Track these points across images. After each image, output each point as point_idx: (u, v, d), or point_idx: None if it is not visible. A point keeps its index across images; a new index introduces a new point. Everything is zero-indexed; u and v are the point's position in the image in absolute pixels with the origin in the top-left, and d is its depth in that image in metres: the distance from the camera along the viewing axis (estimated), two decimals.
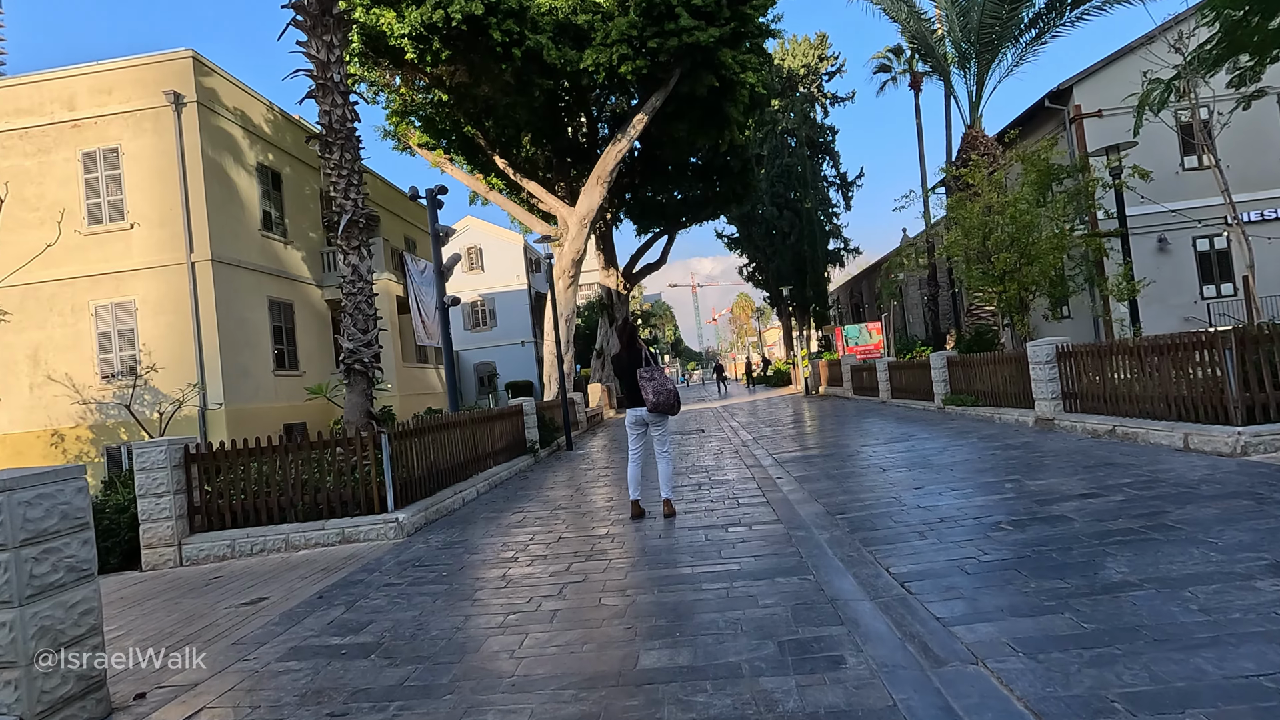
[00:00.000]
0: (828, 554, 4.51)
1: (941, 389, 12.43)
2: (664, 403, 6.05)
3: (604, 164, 17.16)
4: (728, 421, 16.39)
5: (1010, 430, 9.25)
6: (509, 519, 6.89)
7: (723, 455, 10.27)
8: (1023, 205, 10.68)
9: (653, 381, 6.08)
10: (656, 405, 6.05)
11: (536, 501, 7.80)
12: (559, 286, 18.31)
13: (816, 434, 12.01)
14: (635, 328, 6.39)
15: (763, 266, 42.32)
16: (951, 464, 7.27)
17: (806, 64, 41.95)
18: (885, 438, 10.09)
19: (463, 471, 8.60)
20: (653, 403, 6.04)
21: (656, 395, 6.03)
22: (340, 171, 7.95)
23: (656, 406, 6.05)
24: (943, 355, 12.39)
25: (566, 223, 18.07)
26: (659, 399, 6.03)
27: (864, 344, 23.04)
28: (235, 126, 17.43)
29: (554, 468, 10.98)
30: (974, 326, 15.52)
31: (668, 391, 6.07)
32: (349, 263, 7.95)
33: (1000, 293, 11.35)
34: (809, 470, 8.02)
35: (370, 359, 7.94)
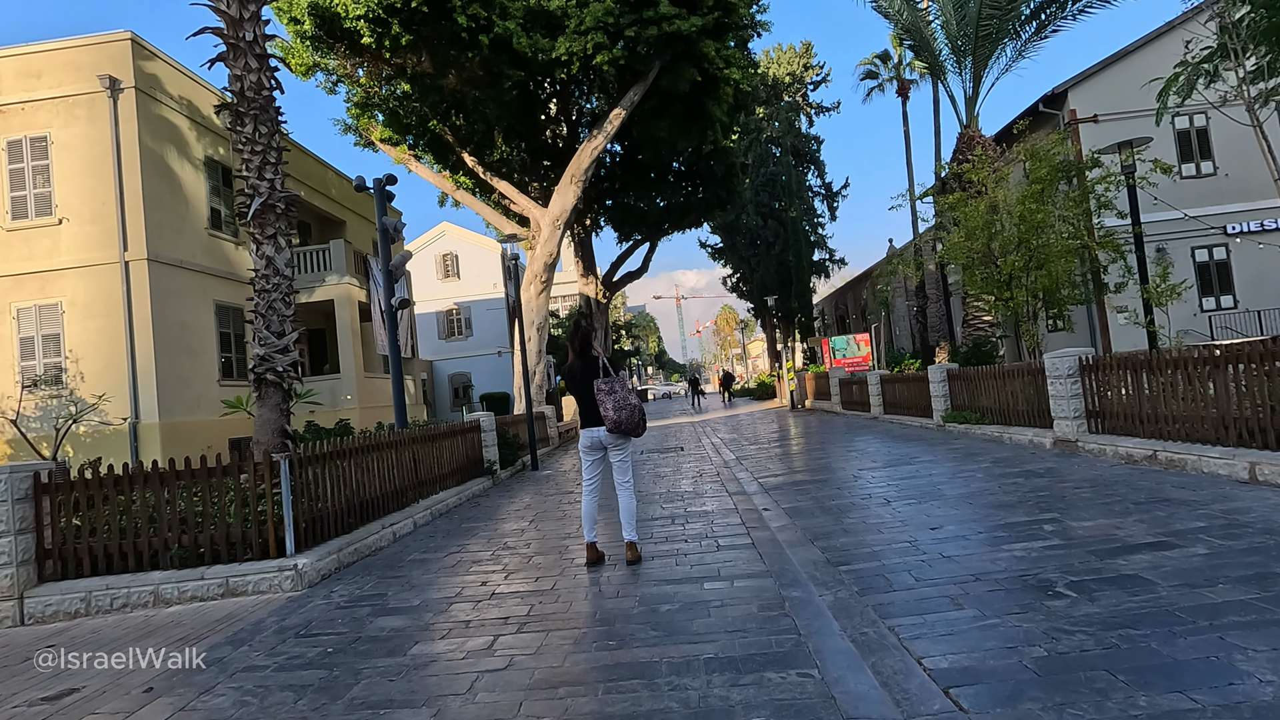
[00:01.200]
0: (833, 629, 3.37)
1: (941, 405, 11.42)
2: (626, 421, 4.92)
3: (578, 162, 16.07)
4: (709, 438, 15.26)
5: (1025, 453, 8.21)
6: (441, 562, 5.68)
7: (702, 479, 9.13)
8: (1032, 204, 9.74)
9: (613, 395, 4.94)
10: (618, 424, 4.91)
11: (481, 537, 6.59)
12: (530, 292, 17.15)
13: (806, 454, 10.92)
14: (590, 331, 5.25)
15: (747, 277, 41.45)
16: (968, 495, 6.18)
17: (791, 72, 41.37)
18: (884, 460, 9.01)
19: (399, 500, 7.37)
20: (613, 420, 4.90)
21: (618, 412, 4.89)
22: (254, 147, 6.76)
23: (618, 425, 4.92)
24: (943, 368, 11.39)
25: (539, 224, 16.93)
26: (620, 416, 4.90)
27: (852, 356, 22.08)
28: (180, 116, 16.14)
29: (513, 492, 9.77)
30: (971, 337, 14.56)
31: (630, 407, 4.94)
32: (262, 254, 6.74)
33: (1006, 300, 10.38)
34: (800, 500, 6.90)
35: (286, 368, 6.71)
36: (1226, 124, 19.81)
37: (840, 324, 43.45)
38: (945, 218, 11.79)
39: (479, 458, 10.37)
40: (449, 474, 9.03)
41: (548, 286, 17.09)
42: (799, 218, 37.43)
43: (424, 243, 39.65)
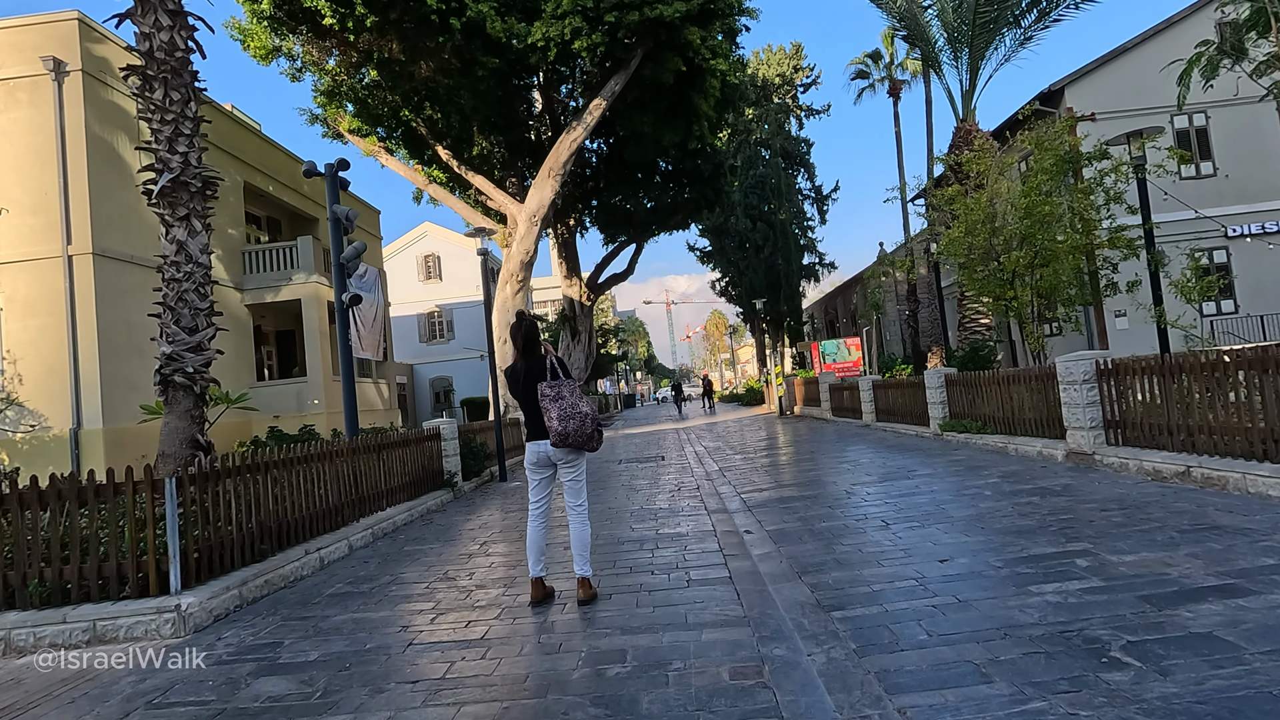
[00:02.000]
0: (826, 708, 2.56)
1: (939, 412, 10.66)
2: (575, 433, 4.10)
3: (556, 155, 15.26)
4: (692, 446, 14.45)
5: (1035, 466, 7.45)
6: (365, 598, 4.82)
7: (680, 493, 8.31)
8: (1036, 196, 9.03)
9: (559, 402, 4.12)
10: (564, 436, 4.09)
11: (420, 565, 5.73)
12: (506, 292, 16.30)
13: (794, 465, 10.12)
14: (534, 324, 4.43)
15: (736, 281, 40.78)
16: (978, 518, 5.39)
17: (781, 73, 40.84)
18: (879, 473, 8.22)
19: (333, 519, 6.50)
20: (559, 432, 4.08)
21: (564, 422, 4.08)
22: (164, 116, 5.90)
23: (564, 438, 4.10)
24: (940, 373, 10.64)
25: (516, 221, 16.09)
26: (568, 427, 4.08)
27: (842, 361, 21.34)
28: (132, 102, 15.19)
29: (474, 507, 8.90)
30: (968, 341, 13.85)
31: (581, 417, 4.12)
32: (172, 237, 5.88)
33: (1009, 300, 9.65)
34: (787, 520, 6.09)
35: (199, 368, 5.85)
36: (1227, 124, 19.35)
37: (830, 329, 42.85)
38: (942, 213, 11.08)
39: (438, 469, 9.49)
40: (400, 488, 8.15)
41: (525, 286, 16.25)
42: (788, 220, 36.81)
43: (405, 243, 38.69)
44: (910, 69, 28.71)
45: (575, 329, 28.17)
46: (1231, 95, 18.59)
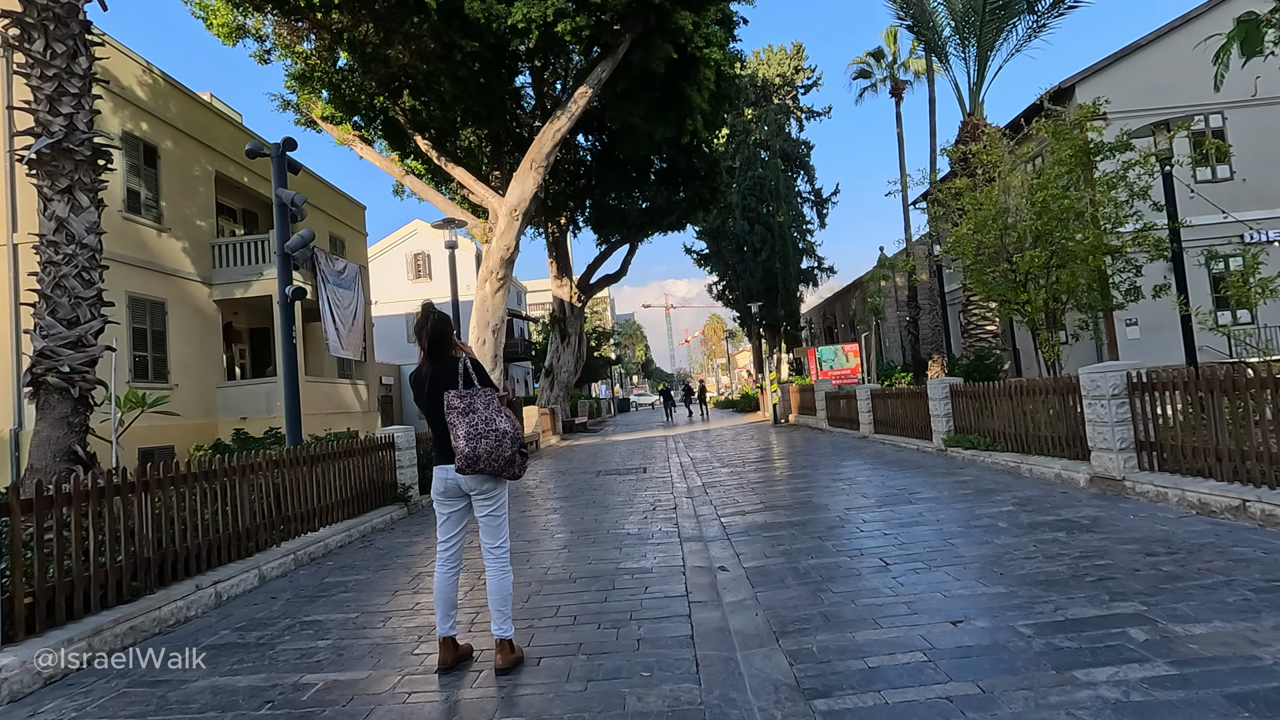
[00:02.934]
0: None
1: (943, 426, 9.79)
2: (487, 456, 3.23)
3: (539, 145, 14.40)
4: (679, 457, 13.57)
5: (1054, 492, 6.57)
6: (242, 654, 3.93)
7: (654, 515, 7.42)
8: (1054, 189, 8.18)
9: (469, 417, 3.26)
10: (474, 460, 3.23)
11: (333, 604, 4.84)
12: (485, 290, 15.43)
13: (785, 483, 9.24)
14: (445, 320, 3.55)
15: (733, 284, 39.95)
16: (995, 559, 4.51)
17: (781, 74, 40.08)
18: (877, 495, 7.34)
19: (244, 544, 5.60)
20: (466, 455, 3.22)
21: (473, 441, 3.21)
22: (45, 71, 5.04)
23: (474, 463, 3.23)
24: (944, 383, 9.78)
25: (497, 215, 15.24)
26: (477, 449, 3.21)
27: (839, 368, 20.50)
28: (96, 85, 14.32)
29: (424, 526, 8.01)
30: (973, 349, 12.99)
31: (497, 435, 3.25)
32: (51, 213, 5.00)
33: (1021, 304, 8.80)
34: (770, 554, 5.22)
35: (78, 367, 4.96)
36: (1245, 126, 18.54)
37: (828, 335, 42.04)
38: (948, 209, 10.24)
39: (390, 481, 8.59)
40: (340, 504, 7.26)
41: (505, 284, 15.38)
42: (787, 223, 36.00)
43: (394, 241, 37.87)
44: (913, 68, 27.93)
45: (565, 331, 27.30)
46: (1249, 95, 17.84)
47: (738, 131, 37.52)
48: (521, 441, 3.40)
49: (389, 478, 8.55)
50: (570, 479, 11.56)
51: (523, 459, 3.40)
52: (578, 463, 14.36)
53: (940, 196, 10.40)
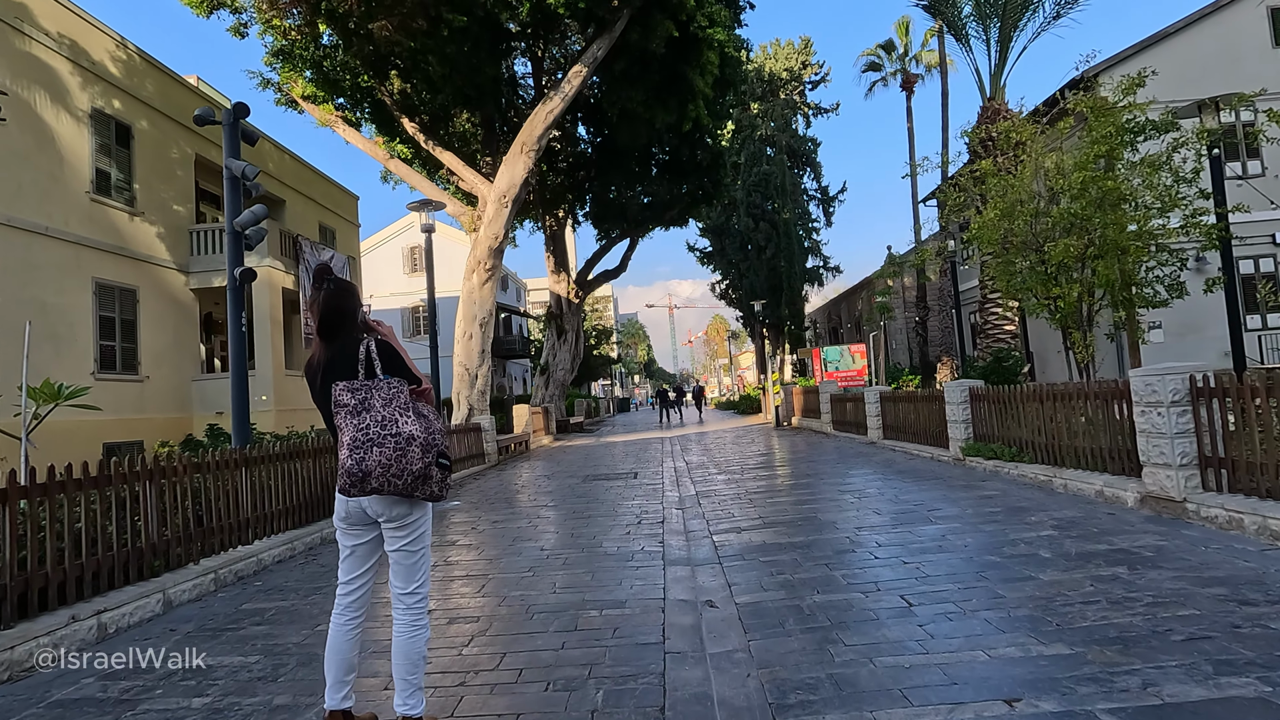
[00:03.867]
0: None
1: (961, 432, 8.91)
2: (381, 470, 2.39)
3: (530, 128, 13.56)
4: (674, 461, 12.71)
5: (1098, 513, 5.71)
6: (76, 713, 3.10)
7: (638, 529, 6.57)
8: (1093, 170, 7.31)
9: (361, 417, 2.43)
10: (362, 477, 2.39)
11: (237, 642, 4.00)
12: (473, 281, 14.60)
13: (787, 493, 8.38)
14: (343, 292, 2.69)
15: (736, 283, 39.08)
16: (1046, 602, 3.65)
17: (789, 68, 39.17)
18: (891, 511, 6.48)
19: (148, 564, 4.77)
20: (351, 472, 2.38)
21: (359, 451, 2.39)
22: None
23: (362, 479, 2.39)
24: (964, 386, 8.90)
25: (485, 202, 14.40)
26: (367, 461, 2.38)
27: (845, 369, 19.62)
28: (59, 58, 13.56)
29: None
30: (990, 350, 12.11)
31: (398, 441, 2.41)
32: None
33: (1053, 299, 7.92)
34: (768, 586, 4.36)
35: None
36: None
37: (833, 336, 41.15)
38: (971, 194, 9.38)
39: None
40: (282, 513, 6.42)
41: (494, 275, 14.55)
42: (792, 220, 35.11)
43: (390, 234, 37.11)
44: (925, 61, 27.04)
45: (562, 327, 26.46)
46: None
47: (743, 126, 36.64)
48: (442, 450, 2.55)
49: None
50: (555, 484, 10.72)
51: (443, 473, 2.55)
52: (566, 465, 13.52)
53: (961, 181, 9.52)
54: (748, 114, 37.21)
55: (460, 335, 14.73)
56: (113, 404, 14.29)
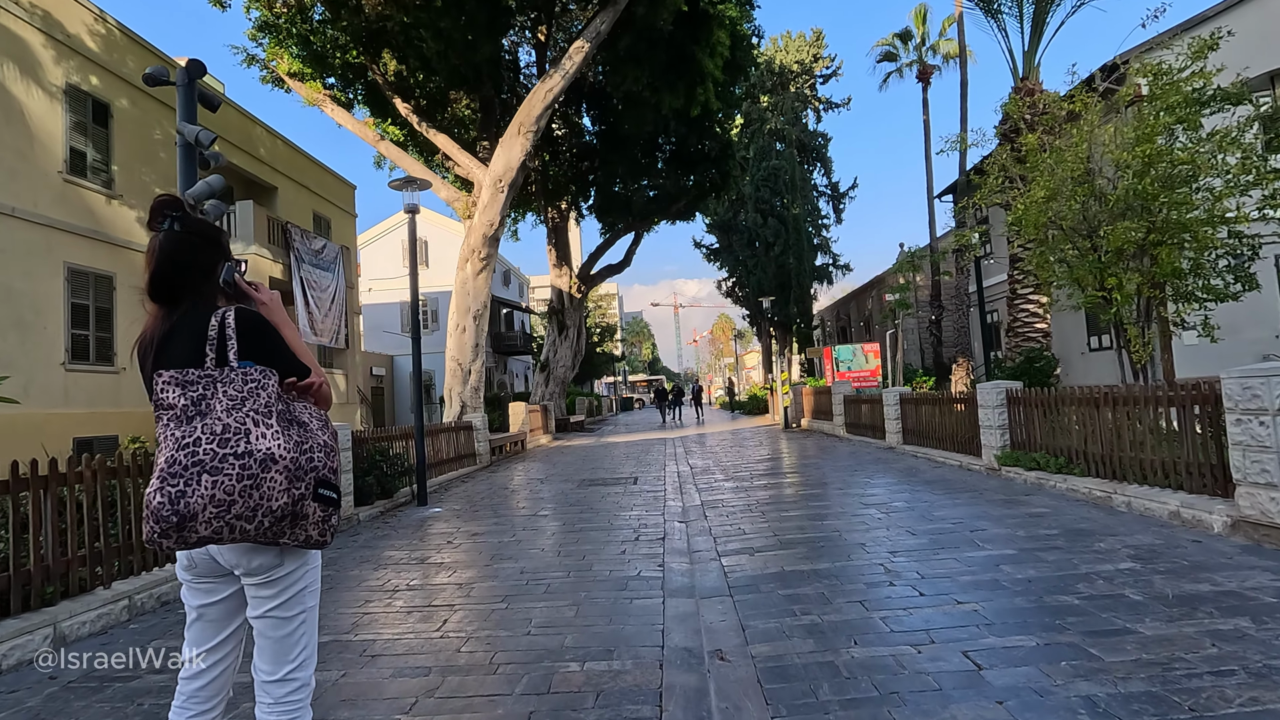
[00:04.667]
0: None
1: (996, 439, 8.03)
2: (215, 511, 1.52)
3: (529, 107, 12.72)
4: (677, 465, 11.86)
5: (1180, 539, 4.83)
6: None
7: (635, 547, 5.72)
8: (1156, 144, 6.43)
9: (190, 425, 1.57)
10: (171, 522, 1.51)
11: (121, 696, 3.18)
12: (466, 271, 13.78)
13: (803, 507, 7.51)
14: (189, 234, 1.86)
15: (743, 280, 38.19)
16: (1161, 670, 2.78)
17: (800, 60, 38.25)
18: (927, 530, 5.61)
19: (51, 587, 3.95)
20: (155, 509, 1.52)
21: (176, 481, 1.51)
22: None
23: (175, 526, 1.52)
24: (999, 387, 8.03)
25: (480, 187, 13.57)
26: (181, 496, 1.50)
27: (858, 369, 18.73)
28: (32, 30, 12.78)
29: (346, 551, 6.37)
30: (1020, 349, 11.21)
31: (244, 467, 1.54)
32: None
33: (1109, 291, 7.04)
34: (791, 634, 3.50)
35: None
36: None
37: (841, 335, 40.20)
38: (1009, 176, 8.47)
39: None
40: None
41: (489, 264, 13.72)
42: (801, 216, 34.21)
43: (390, 226, 36.35)
44: (943, 51, 26.06)
45: (563, 323, 25.64)
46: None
47: (752, 120, 35.75)
48: (323, 476, 1.71)
49: None
50: (548, 489, 9.88)
51: (327, 509, 1.72)
52: (562, 468, 12.68)
53: (1001, 161, 8.62)
54: (757, 107, 36.32)
55: (453, 328, 13.91)
56: (85, 397, 13.55)
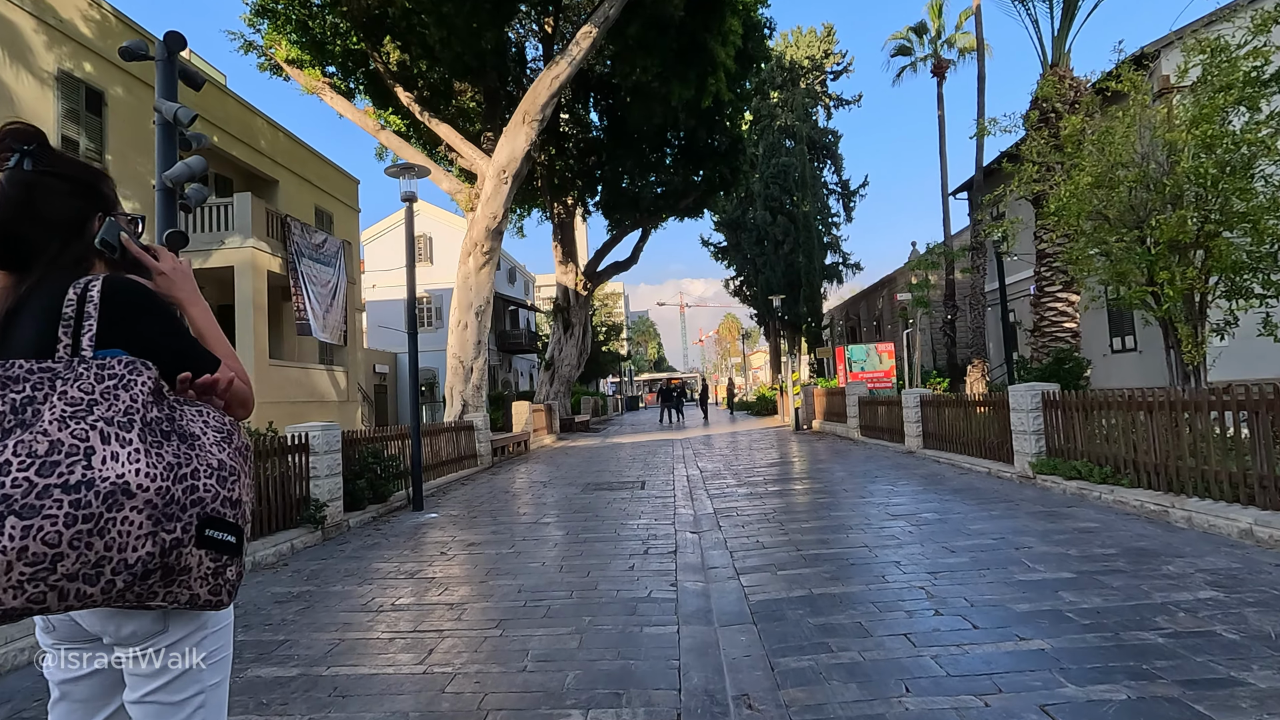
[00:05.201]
0: None
1: (1031, 445, 7.49)
2: (50, 562, 0.99)
3: (534, 95, 12.24)
4: (686, 468, 11.35)
5: (1256, 560, 4.31)
6: None
7: (644, 562, 5.22)
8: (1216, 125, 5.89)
9: (16, 438, 1.07)
10: None
11: None
12: (469, 265, 13.30)
13: (824, 516, 7.00)
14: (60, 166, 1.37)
15: (752, 279, 37.66)
16: None
17: (810, 56, 37.68)
18: (967, 549, 5.09)
19: None
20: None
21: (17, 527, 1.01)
22: None
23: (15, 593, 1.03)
24: (1034, 389, 7.49)
25: (484, 178, 13.10)
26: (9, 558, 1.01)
27: (871, 369, 18.18)
28: (22, 14, 12.38)
29: (329, 564, 5.90)
30: (1048, 349, 10.66)
31: (98, 499, 1.02)
32: None
33: (1158, 287, 6.49)
34: (830, 678, 2.98)
35: None
36: None
37: (850, 336, 39.61)
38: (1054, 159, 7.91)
39: (299, 495, 6.45)
40: None
41: (492, 258, 13.25)
42: (812, 213, 33.66)
43: (395, 222, 35.95)
44: (959, 44, 25.45)
45: (568, 320, 25.16)
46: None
47: (762, 116, 35.22)
48: (211, 512, 1.21)
49: (296, 491, 6.40)
50: (550, 493, 9.39)
51: (218, 560, 1.21)
52: (566, 470, 12.20)
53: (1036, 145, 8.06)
54: (767, 103, 35.79)
55: (454, 324, 13.45)
56: None
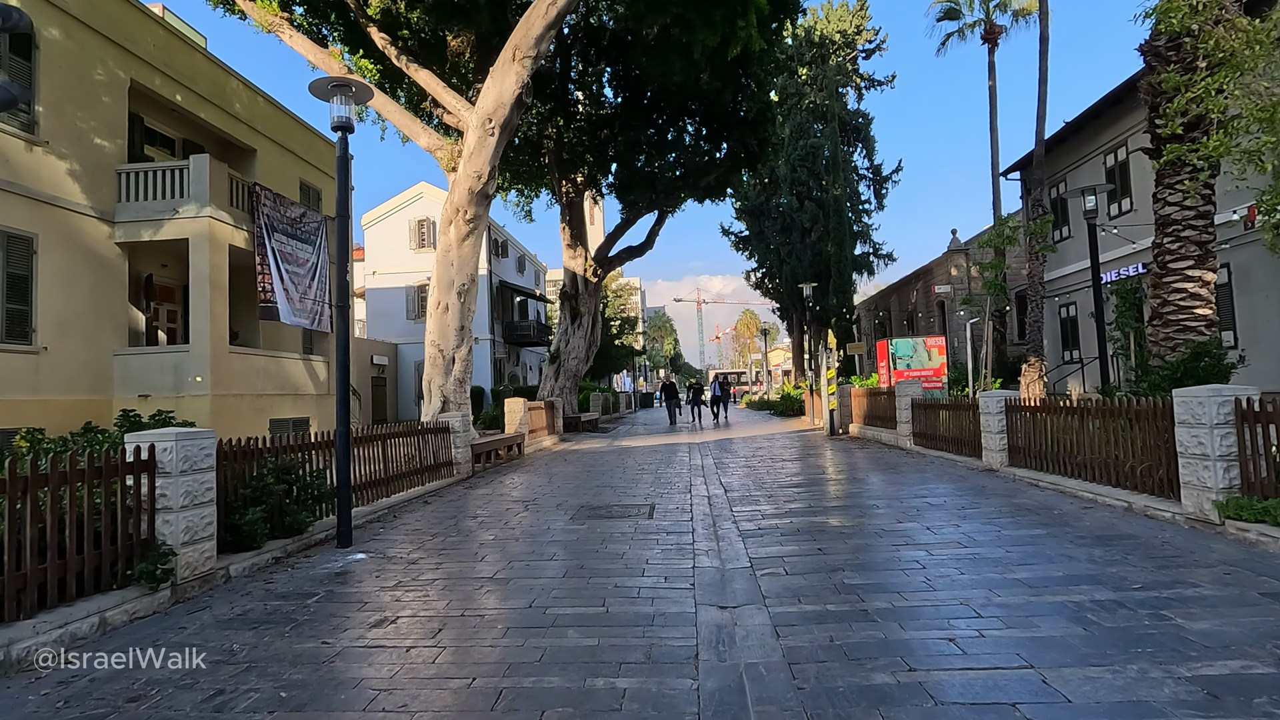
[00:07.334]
0: None
1: (1209, 476, 5.16)
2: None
3: (527, 26, 10.02)
4: (706, 484, 9.11)
5: None
6: None
7: (649, 682, 3.00)
8: None
9: None
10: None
11: None
12: (450, 235, 11.16)
13: (918, 572, 4.73)
14: None
15: (775, 270, 35.26)
16: None
17: (842, 30, 35.10)
18: (1188, 682, 2.82)
19: None
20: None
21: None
22: None
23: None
24: (1221, 394, 5.19)
25: (467, 130, 10.94)
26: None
27: (919, 366, 15.82)
28: None
29: (128, 656, 3.76)
30: (1171, 341, 8.28)
31: None
32: None
33: None
34: None
35: None
36: None
37: (879, 333, 37.03)
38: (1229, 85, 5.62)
39: (141, 537, 4.32)
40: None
41: (477, 227, 11.09)
42: (843, 197, 31.18)
43: (397, 205, 34.00)
44: (1013, 7, 22.87)
45: (577, 309, 22.97)
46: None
47: (789, 94, 32.78)
48: None
49: (127, 530, 4.26)
50: (532, 521, 7.20)
51: None
52: (560, 484, 10.01)
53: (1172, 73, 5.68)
54: (794, 80, 33.34)
55: (433, 306, 11.34)
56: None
